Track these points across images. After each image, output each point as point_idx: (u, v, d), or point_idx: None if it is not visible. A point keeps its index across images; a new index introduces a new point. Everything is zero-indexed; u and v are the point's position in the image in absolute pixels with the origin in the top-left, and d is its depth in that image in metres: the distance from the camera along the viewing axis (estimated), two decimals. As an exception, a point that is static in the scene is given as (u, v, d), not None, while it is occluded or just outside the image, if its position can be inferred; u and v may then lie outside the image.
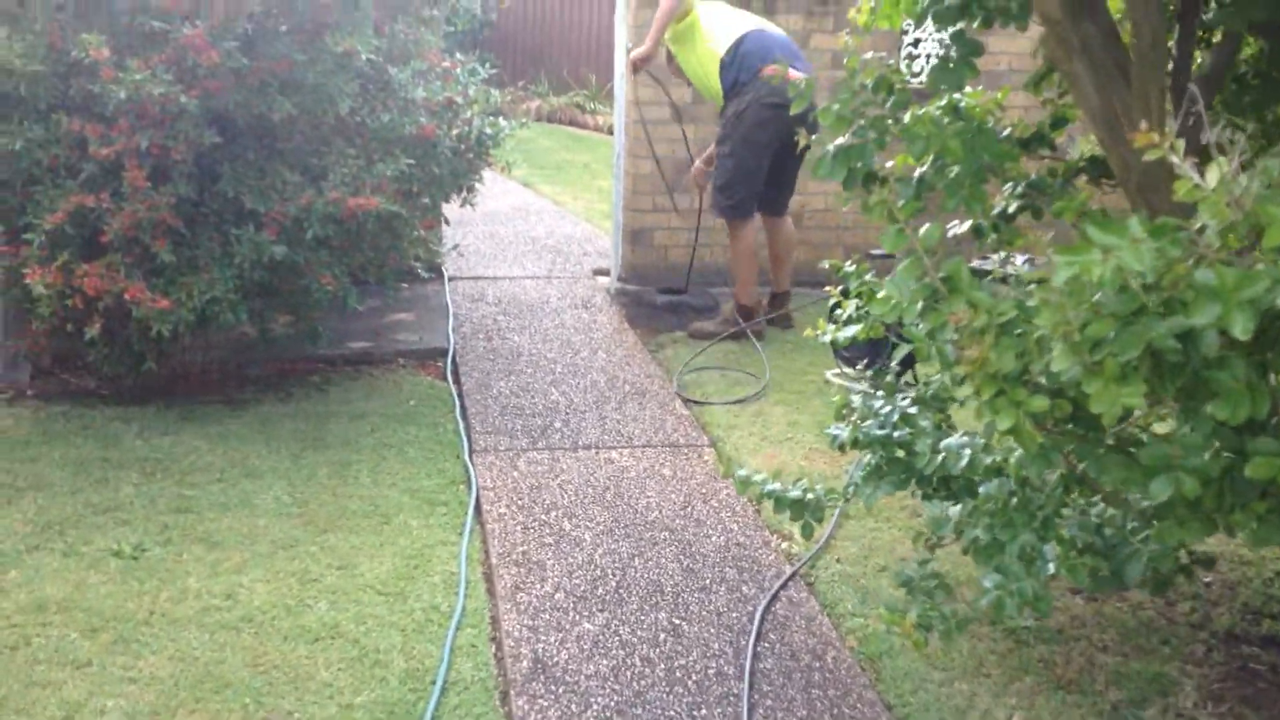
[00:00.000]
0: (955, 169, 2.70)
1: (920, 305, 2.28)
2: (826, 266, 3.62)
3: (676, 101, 6.97)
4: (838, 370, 5.71)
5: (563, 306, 6.90)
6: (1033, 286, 2.09)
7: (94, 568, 3.68)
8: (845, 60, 2.98)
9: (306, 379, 5.58)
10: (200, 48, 4.40)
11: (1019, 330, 2.12)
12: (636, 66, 6.52)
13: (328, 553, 3.83)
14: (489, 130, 5.23)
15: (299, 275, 4.81)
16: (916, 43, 7.51)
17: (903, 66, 5.97)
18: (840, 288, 4.07)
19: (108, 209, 4.51)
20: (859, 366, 5.44)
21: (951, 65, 2.79)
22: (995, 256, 3.47)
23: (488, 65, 5.58)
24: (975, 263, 3.53)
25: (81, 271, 4.51)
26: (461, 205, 5.33)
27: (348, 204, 4.62)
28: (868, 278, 3.39)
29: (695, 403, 5.41)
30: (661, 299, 6.84)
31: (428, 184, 4.93)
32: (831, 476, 4.47)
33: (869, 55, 2.97)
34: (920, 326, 2.30)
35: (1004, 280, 2.68)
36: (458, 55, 5.44)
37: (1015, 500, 2.63)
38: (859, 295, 3.89)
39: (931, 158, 2.71)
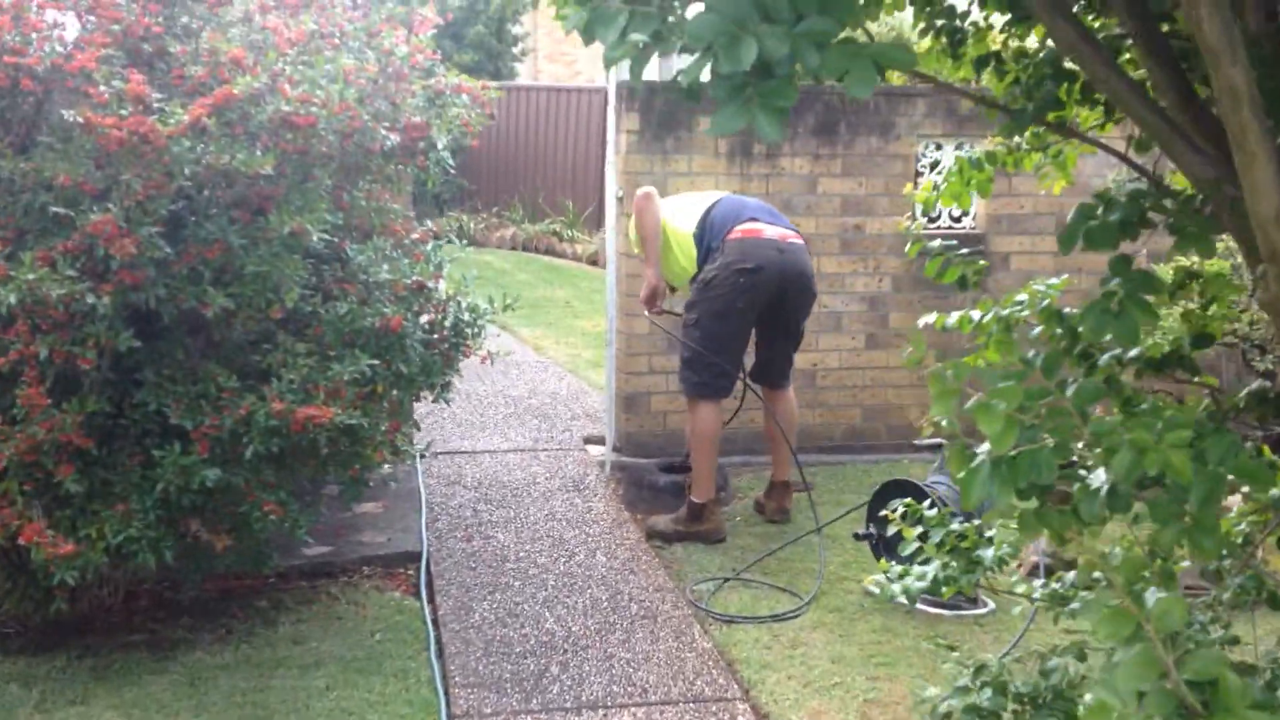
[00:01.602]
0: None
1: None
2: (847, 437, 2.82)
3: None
4: (878, 577, 4.86)
5: (552, 489, 6.05)
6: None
7: None
8: (997, 303, 2.20)
9: (252, 603, 4.70)
10: (112, 236, 3.60)
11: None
12: (651, 305, 5.72)
13: None
14: (467, 316, 4.42)
15: (237, 501, 3.96)
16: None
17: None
18: (899, 510, 3.31)
19: (-1, 433, 3.67)
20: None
21: (1117, 309, 1.99)
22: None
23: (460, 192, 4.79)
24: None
25: (-33, 505, 3.66)
26: (435, 401, 4.51)
27: (296, 415, 3.79)
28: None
29: (715, 617, 4.56)
30: (664, 478, 5.99)
31: (394, 383, 4.11)
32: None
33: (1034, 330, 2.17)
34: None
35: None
36: (428, 224, 4.65)
37: None
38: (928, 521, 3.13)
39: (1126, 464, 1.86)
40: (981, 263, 3.34)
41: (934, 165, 6.78)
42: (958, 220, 6.86)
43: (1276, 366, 5.22)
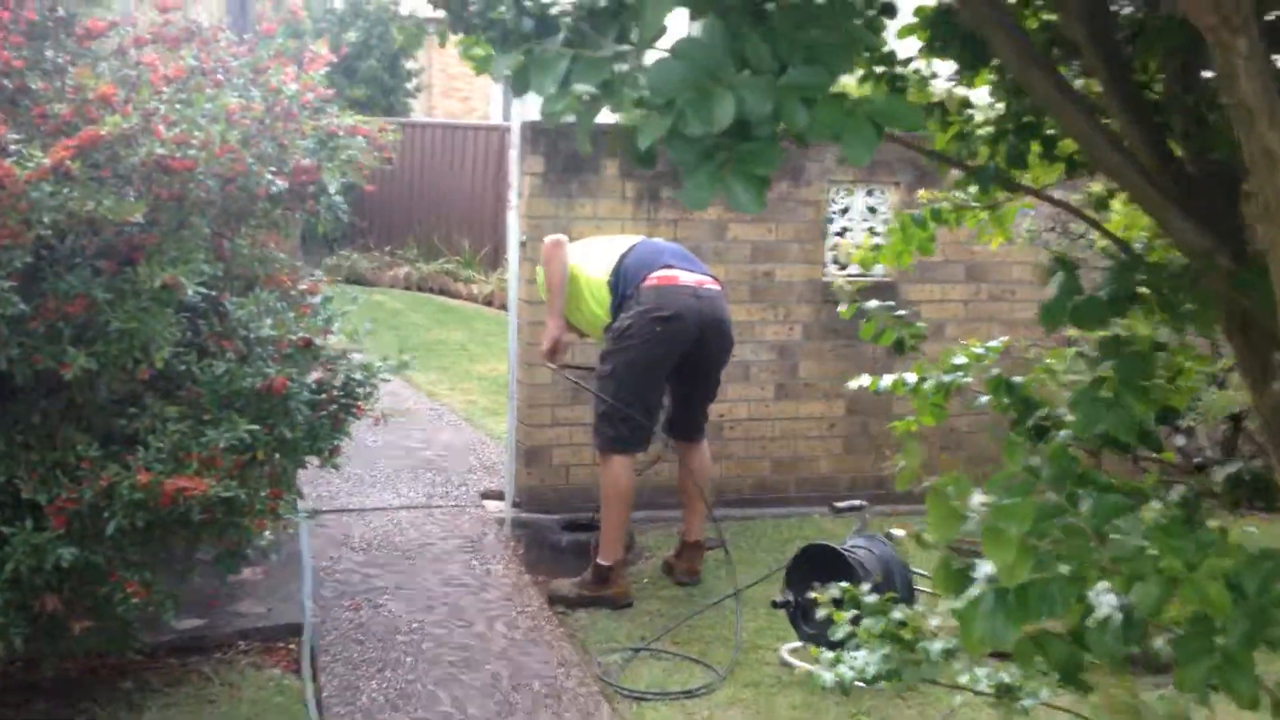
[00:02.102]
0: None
1: None
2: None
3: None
4: (796, 646, 4.62)
5: (447, 550, 5.70)
6: None
7: None
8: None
9: (115, 685, 4.27)
10: (-42, 290, 3.21)
11: None
12: (553, 358, 5.44)
13: None
14: (359, 375, 4.08)
15: (98, 581, 3.57)
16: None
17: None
18: (833, 594, 3.08)
19: None
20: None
21: (1111, 398, 1.75)
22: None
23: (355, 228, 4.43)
24: None
25: None
26: (323, 466, 4.15)
27: (165, 487, 3.42)
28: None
29: (625, 694, 4.27)
30: (566, 537, 5.69)
31: (276, 449, 3.75)
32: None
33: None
34: None
35: None
36: (316, 273, 4.32)
37: None
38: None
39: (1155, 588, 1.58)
40: (920, 325, 3.12)
41: (844, 211, 6.61)
42: (868, 268, 6.68)
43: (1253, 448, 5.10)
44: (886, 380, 3.20)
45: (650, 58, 1.12)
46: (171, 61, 3.84)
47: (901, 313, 3.06)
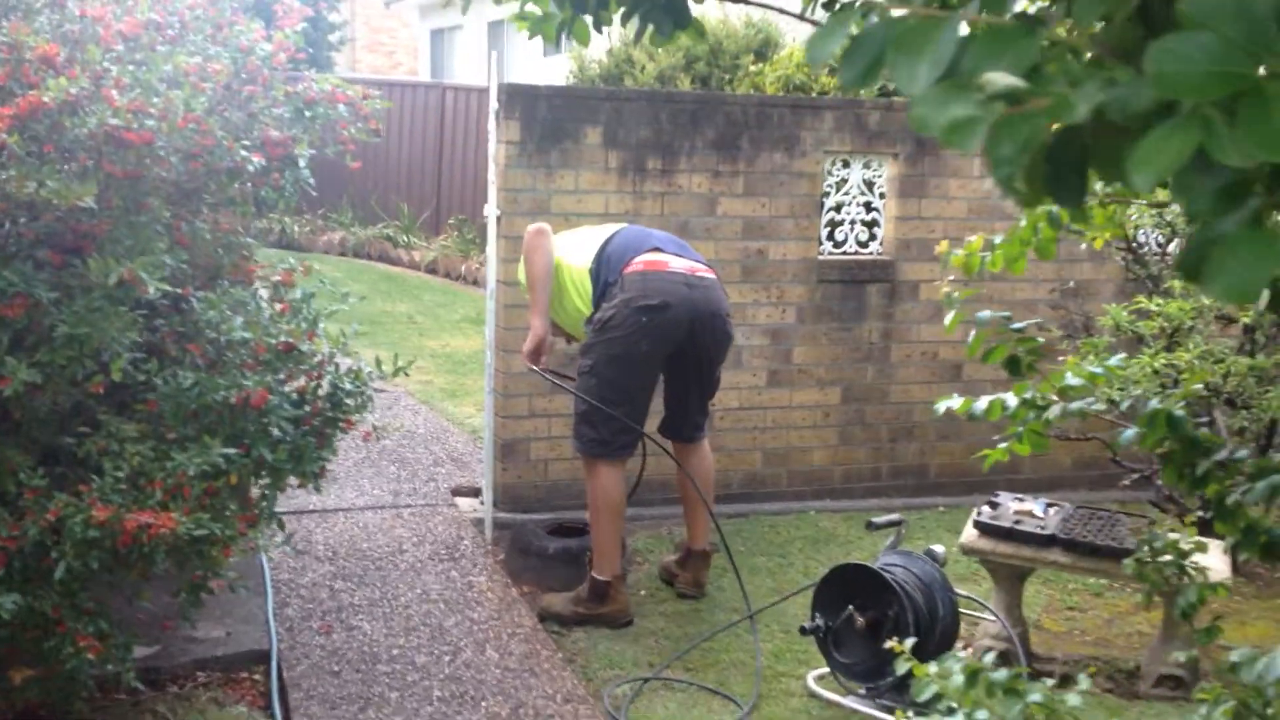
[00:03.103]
0: None
1: None
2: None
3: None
4: (823, 673, 4.19)
5: (422, 559, 5.18)
6: None
7: None
8: None
9: (61, 730, 3.73)
10: None
11: None
12: (536, 360, 4.83)
13: None
14: (348, 385, 3.54)
15: (44, 634, 3.02)
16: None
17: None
18: (952, 666, 2.63)
19: None
20: (866, 689, 3.97)
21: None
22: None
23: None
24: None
25: None
26: (303, 487, 3.60)
27: (125, 524, 2.87)
28: None
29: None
30: (553, 544, 5.18)
31: (253, 472, 3.21)
32: None
33: None
34: None
35: None
36: (289, 261, 3.75)
37: None
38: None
39: None
40: (1039, 341, 2.66)
41: (840, 185, 6.15)
42: (864, 245, 6.25)
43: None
44: (982, 403, 2.73)
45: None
46: (122, 15, 3.24)
47: (1019, 325, 2.59)
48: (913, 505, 6.21)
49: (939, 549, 4.13)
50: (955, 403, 2.82)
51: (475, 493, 6.06)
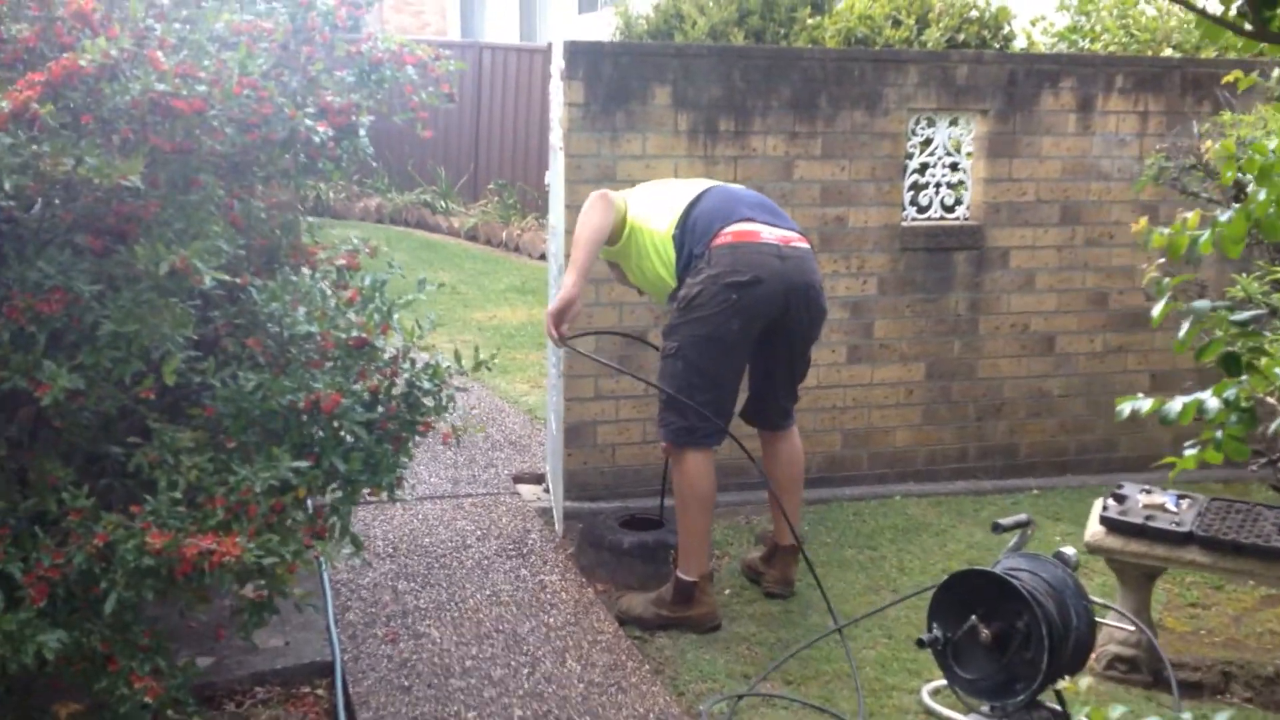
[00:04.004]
0: None
1: None
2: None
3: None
4: (939, 686, 3.82)
5: (488, 555, 4.83)
6: None
7: None
8: None
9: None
10: (-115, 290, 2.27)
11: None
12: (559, 322, 4.28)
13: None
14: (426, 383, 3.16)
15: (95, 672, 2.67)
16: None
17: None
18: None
19: None
20: (991, 707, 3.59)
21: None
22: None
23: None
24: None
25: None
26: (378, 497, 3.24)
27: (184, 550, 2.51)
28: None
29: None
30: (628, 538, 4.81)
31: (325, 485, 2.85)
32: None
33: None
34: None
35: None
36: (353, 241, 3.36)
37: None
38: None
39: None
40: (1269, 336, 2.25)
41: (925, 144, 5.72)
42: (950, 210, 5.82)
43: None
44: (1176, 405, 2.32)
45: None
46: (166, -35, 2.86)
47: (1241, 317, 2.18)
48: (1003, 488, 5.82)
49: (1069, 551, 3.73)
50: (1144, 404, 2.42)
51: (538, 479, 5.71)
